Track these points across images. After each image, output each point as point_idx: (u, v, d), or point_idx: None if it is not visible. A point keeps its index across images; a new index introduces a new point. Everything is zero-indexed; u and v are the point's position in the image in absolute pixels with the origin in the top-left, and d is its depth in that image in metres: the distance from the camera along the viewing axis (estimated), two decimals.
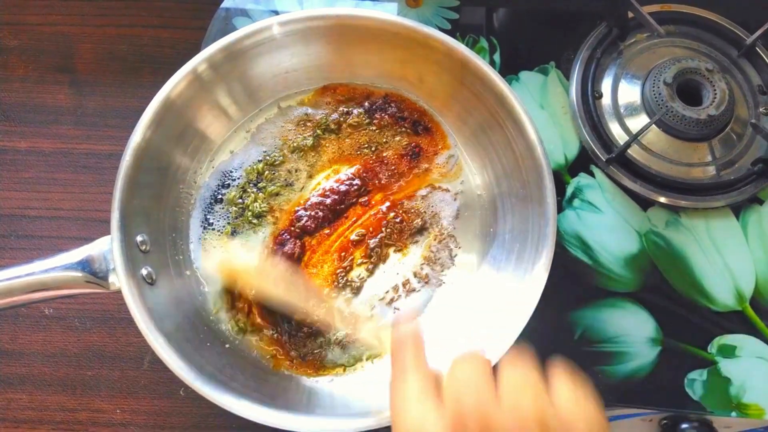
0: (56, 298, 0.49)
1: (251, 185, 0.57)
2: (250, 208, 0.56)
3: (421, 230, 0.56)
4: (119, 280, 0.46)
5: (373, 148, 0.59)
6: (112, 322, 0.60)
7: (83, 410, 0.57)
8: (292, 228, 0.55)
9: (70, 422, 0.57)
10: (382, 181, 0.58)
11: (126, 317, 0.46)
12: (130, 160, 0.50)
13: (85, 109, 0.67)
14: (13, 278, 0.46)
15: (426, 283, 0.55)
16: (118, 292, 0.47)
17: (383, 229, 0.56)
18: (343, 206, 0.57)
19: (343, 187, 0.57)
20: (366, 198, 0.57)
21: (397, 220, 0.56)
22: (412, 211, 0.57)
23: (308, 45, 0.57)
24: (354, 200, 0.57)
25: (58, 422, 0.57)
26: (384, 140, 0.59)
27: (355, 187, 0.57)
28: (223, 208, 0.57)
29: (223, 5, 0.65)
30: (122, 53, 0.70)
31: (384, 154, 0.59)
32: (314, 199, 0.57)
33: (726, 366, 0.52)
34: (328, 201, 0.56)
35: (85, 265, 0.47)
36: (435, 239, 0.56)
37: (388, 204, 0.57)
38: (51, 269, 0.46)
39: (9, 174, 0.65)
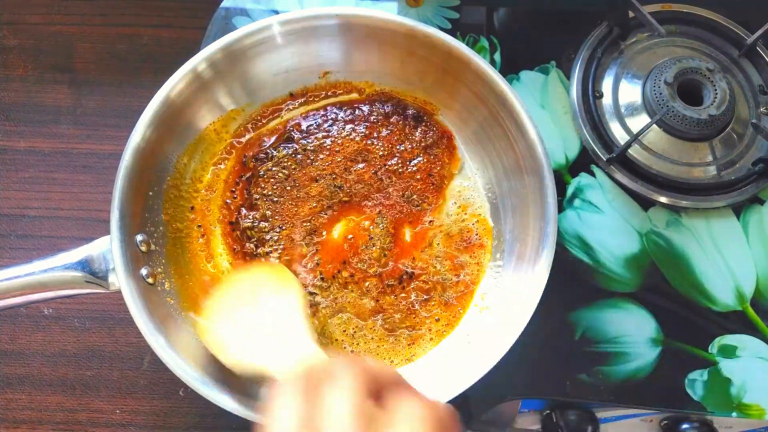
0: (56, 298, 0.49)
1: None
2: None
3: None
4: (119, 280, 0.46)
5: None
6: (112, 322, 0.60)
7: (83, 410, 0.57)
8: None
9: (69, 422, 0.57)
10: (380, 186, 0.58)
11: (126, 317, 0.46)
12: (130, 160, 0.50)
13: (85, 108, 0.67)
14: (13, 278, 0.46)
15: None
16: (118, 292, 0.46)
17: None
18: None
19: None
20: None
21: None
22: None
23: (308, 44, 0.57)
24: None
25: (58, 422, 0.57)
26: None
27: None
28: None
29: (222, 5, 0.65)
30: (122, 53, 0.70)
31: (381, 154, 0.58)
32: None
33: (727, 366, 0.52)
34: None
35: (84, 265, 0.47)
36: None
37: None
38: (50, 269, 0.46)
39: (8, 174, 0.65)
